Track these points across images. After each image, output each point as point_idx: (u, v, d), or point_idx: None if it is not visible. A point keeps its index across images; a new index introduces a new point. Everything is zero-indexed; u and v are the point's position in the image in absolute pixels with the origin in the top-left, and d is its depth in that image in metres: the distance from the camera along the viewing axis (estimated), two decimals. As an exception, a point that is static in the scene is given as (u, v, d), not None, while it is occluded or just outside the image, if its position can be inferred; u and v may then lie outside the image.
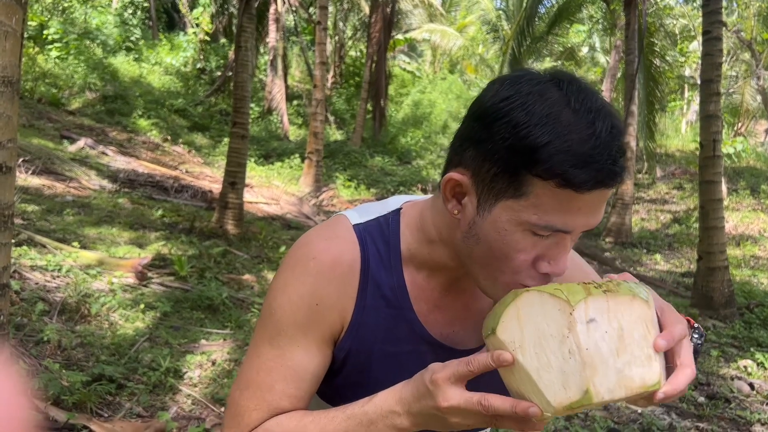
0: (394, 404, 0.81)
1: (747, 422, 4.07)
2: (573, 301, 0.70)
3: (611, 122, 0.78)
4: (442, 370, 0.76)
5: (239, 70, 7.86)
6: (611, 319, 0.70)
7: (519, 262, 0.81)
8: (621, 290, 0.72)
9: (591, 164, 0.75)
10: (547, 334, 0.70)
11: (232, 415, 0.92)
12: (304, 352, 0.91)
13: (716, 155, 6.64)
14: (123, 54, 17.40)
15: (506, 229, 0.80)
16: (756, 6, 16.56)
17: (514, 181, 0.78)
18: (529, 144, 0.75)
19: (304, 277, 0.91)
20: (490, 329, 0.75)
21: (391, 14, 16.63)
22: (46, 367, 3.37)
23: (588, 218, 0.79)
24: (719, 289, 6.54)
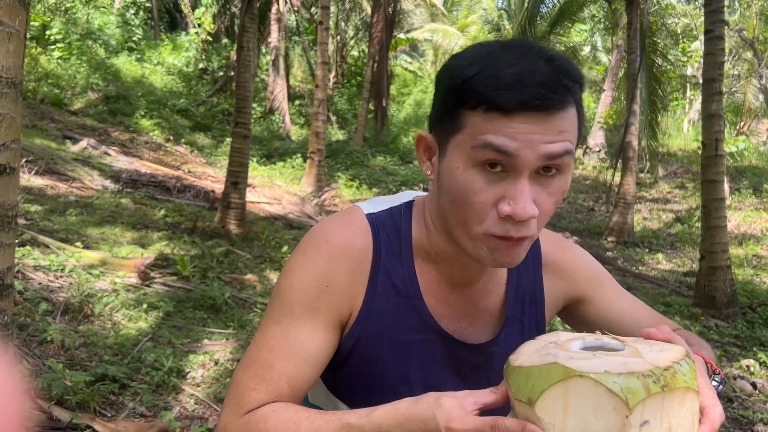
0: (395, 427, 0.77)
1: (750, 422, 4.07)
2: (631, 403, 0.63)
3: (549, 55, 0.80)
4: (461, 421, 0.72)
5: (241, 70, 7.87)
6: (663, 419, 0.65)
7: (478, 205, 0.81)
8: (677, 383, 0.66)
9: (514, 86, 0.76)
10: (593, 430, 0.64)
11: (233, 394, 0.90)
12: (309, 332, 0.90)
13: (718, 154, 6.63)
14: (125, 54, 17.42)
15: (458, 167, 0.82)
16: (758, 5, 16.54)
17: (455, 118, 0.82)
18: (461, 79, 0.80)
19: (315, 258, 0.92)
20: (525, 397, 0.69)
21: (392, 14, 16.63)
22: (50, 367, 3.38)
23: (531, 142, 0.77)
24: (722, 288, 6.54)
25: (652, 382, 0.64)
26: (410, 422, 0.75)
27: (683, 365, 0.68)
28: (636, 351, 0.71)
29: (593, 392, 0.64)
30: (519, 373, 0.71)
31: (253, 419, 0.85)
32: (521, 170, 0.79)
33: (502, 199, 0.80)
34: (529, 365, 0.70)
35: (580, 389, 0.65)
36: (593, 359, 0.68)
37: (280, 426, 0.82)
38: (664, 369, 0.66)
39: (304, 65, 21.38)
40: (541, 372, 0.68)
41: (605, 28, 19.84)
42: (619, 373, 0.65)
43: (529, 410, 0.68)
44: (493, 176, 0.80)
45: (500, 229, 0.81)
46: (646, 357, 0.69)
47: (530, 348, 0.76)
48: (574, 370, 0.65)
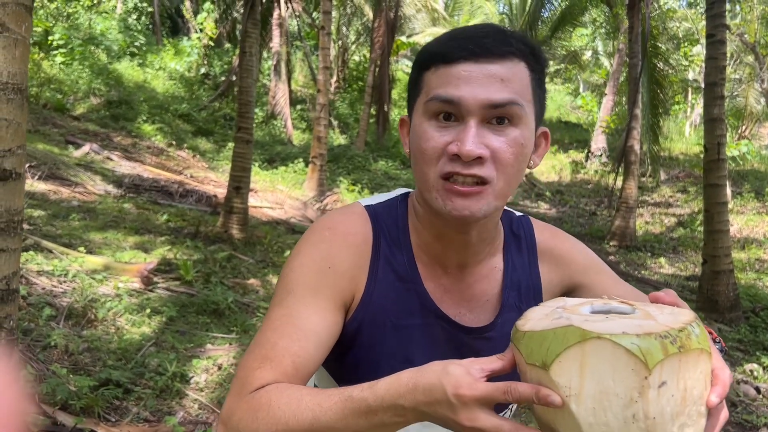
0: (399, 398, 0.74)
1: (753, 426, 4.06)
2: (651, 364, 0.62)
3: (490, 24, 0.92)
4: (470, 387, 0.70)
5: (243, 75, 7.89)
6: (679, 380, 0.64)
7: (430, 151, 0.88)
8: (692, 344, 0.65)
9: (458, 40, 0.87)
10: (611, 392, 0.63)
11: (238, 377, 0.89)
12: (311, 312, 0.90)
13: (720, 158, 6.63)
14: (127, 59, 17.45)
15: (417, 124, 0.91)
16: (760, 9, 16.55)
17: (416, 86, 0.93)
18: (422, 51, 0.93)
19: (318, 243, 0.96)
20: (539, 360, 0.67)
21: (394, 19, 16.66)
22: (54, 372, 3.39)
23: (473, 89, 0.85)
24: (724, 292, 6.53)
25: (669, 343, 0.64)
26: (414, 392, 0.73)
27: (695, 327, 0.68)
28: (648, 313, 0.70)
29: (611, 354, 0.63)
30: (531, 338, 0.69)
31: (257, 396, 0.84)
32: (467, 115, 0.86)
33: (452, 142, 0.87)
34: (541, 329, 0.69)
35: (597, 351, 0.64)
36: (608, 321, 0.67)
37: (284, 401, 0.81)
38: (679, 330, 0.65)
39: (305, 70, 21.41)
40: (556, 335, 0.66)
41: (606, 32, 19.86)
42: (637, 334, 0.64)
43: (543, 374, 0.67)
44: (445, 125, 0.88)
45: (449, 168, 0.87)
46: (659, 319, 0.68)
47: (538, 313, 0.75)
48: (591, 332, 0.64)
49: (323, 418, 0.78)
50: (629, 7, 11.12)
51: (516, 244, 1.06)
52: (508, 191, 0.91)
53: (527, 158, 0.93)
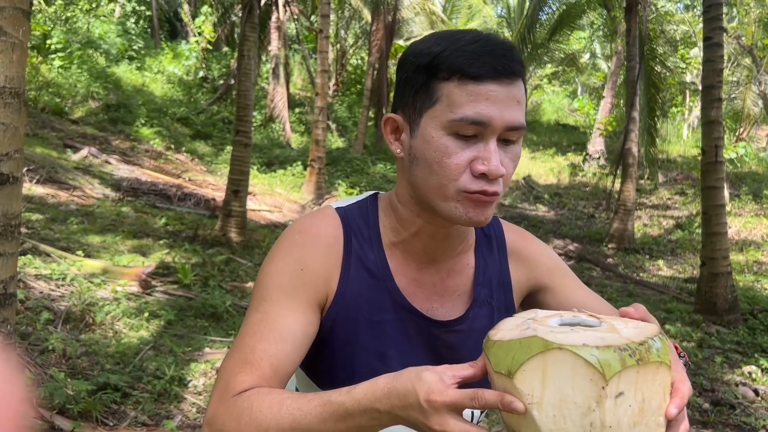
0: (375, 402, 0.78)
1: (752, 428, 4.06)
2: (608, 374, 0.66)
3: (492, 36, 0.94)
4: (441, 394, 0.73)
5: (242, 78, 7.89)
6: (637, 391, 0.67)
7: (453, 167, 0.90)
8: (651, 357, 0.68)
9: (482, 57, 0.88)
10: (570, 401, 0.67)
11: (219, 383, 0.92)
12: (287, 313, 0.93)
13: (718, 161, 6.64)
14: (125, 63, 17.45)
15: (433, 136, 0.91)
16: (756, 12, 16.60)
17: (427, 92, 0.91)
18: (430, 56, 0.91)
19: (290, 247, 0.99)
20: (504, 369, 0.71)
21: (392, 22, 16.69)
22: (51, 376, 3.38)
23: (500, 111, 0.88)
24: (723, 294, 6.53)
25: (627, 356, 0.67)
26: (390, 396, 0.77)
27: (657, 341, 0.71)
28: (613, 327, 0.73)
29: (571, 364, 0.66)
30: (499, 347, 0.72)
31: (239, 401, 0.87)
32: (492, 135, 0.89)
33: (476, 159, 0.89)
34: (509, 339, 0.72)
35: (558, 361, 0.67)
36: (572, 333, 0.70)
37: (265, 405, 0.84)
38: (639, 344, 0.68)
39: (304, 73, 21.44)
40: (521, 345, 0.70)
41: (604, 35, 19.89)
42: (596, 346, 0.67)
43: (507, 382, 0.70)
44: (466, 141, 0.90)
45: (476, 185, 0.90)
46: (622, 333, 0.71)
47: (510, 324, 0.77)
48: (553, 343, 0.67)
49: (303, 421, 0.81)
50: (627, 10, 11.15)
51: (487, 243, 1.10)
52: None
53: None
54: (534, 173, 17.11)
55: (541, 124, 24.49)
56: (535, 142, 20.98)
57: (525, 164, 18.06)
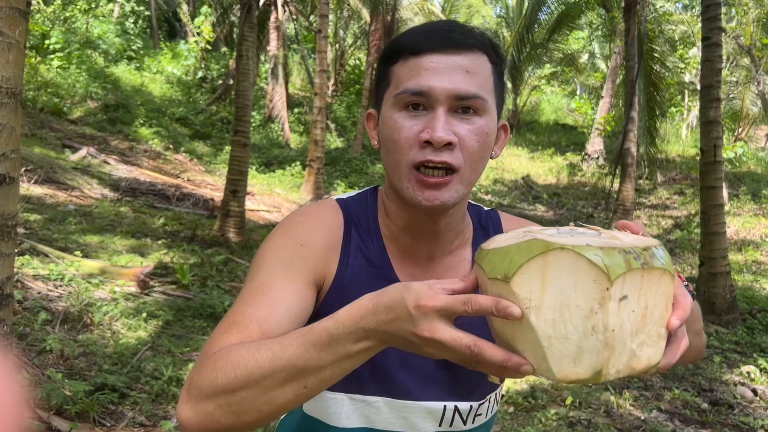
0: (360, 321, 0.73)
1: (750, 428, 4.06)
2: (612, 275, 0.62)
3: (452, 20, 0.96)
4: (431, 298, 0.68)
5: (240, 78, 7.89)
6: (640, 297, 0.64)
7: (403, 141, 0.91)
8: (655, 263, 0.65)
9: (425, 33, 0.92)
10: (572, 304, 0.63)
11: (204, 348, 0.85)
12: (283, 282, 0.90)
13: (717, 160, 6.64)
14: (124, 63, 17.45)
15: (386, 116, 0.94)
16: (755, 12, 16.61)
17: (384, 78, 0.96)
18: (389, 45, 0.96)
19: (291, 227, 0.98)
20: (500, 273, 0.66)
21: (391, 22, 16.69)
22: (49, 377, 3.37)
23: (440, 80, 0.89)
24: (721, 294, 6.54)
25: (632, 258, 0.63)
26: (376, 312, 0.72)
27: (660, 250, 0.68)
28: (613, 236, 0.70)
29: (573, 264, 0.63)
30: (494, 253, 0.69)
31: (219, 352, 0.80)
32: (435, 104, 0.90)
33: (423, 130, 0.90)
34: (505, 245, 0.68)
35: (560, 262, 0.63)
36: (573, 237, 0.68)
37: (244, 348, 0.78)
38: (643, 249, 0.66)
39: (303, 73, 21.43)
40: (519, 248, 0.66)
41: (603, 35, 19.90)
42: (601, 247, 0.63)
43: (504, 287, 0.66)
44: (415, 115, 0.91)
45: (421, 155, 0.90)
46: (624, 240, 0.68)
47: (504, 236, 0.74)
48: (554, 243, 0.64)
49: (283, 354, 0.75)
50: (625, 10, 11.15)
51: (484, 237, 1.07)
52: (474, 178, 0.95)
53: (491, 147, 0.96)
54: (533, 173, 17.11)
55: (540, 124, 24.49)
56: (534, 142, 20.98)
57: (524, 164, 18.06)
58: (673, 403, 4.37)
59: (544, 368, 0.65)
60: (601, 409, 4.11)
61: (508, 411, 3.91)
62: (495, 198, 14.37)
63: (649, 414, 4.11)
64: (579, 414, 3.99)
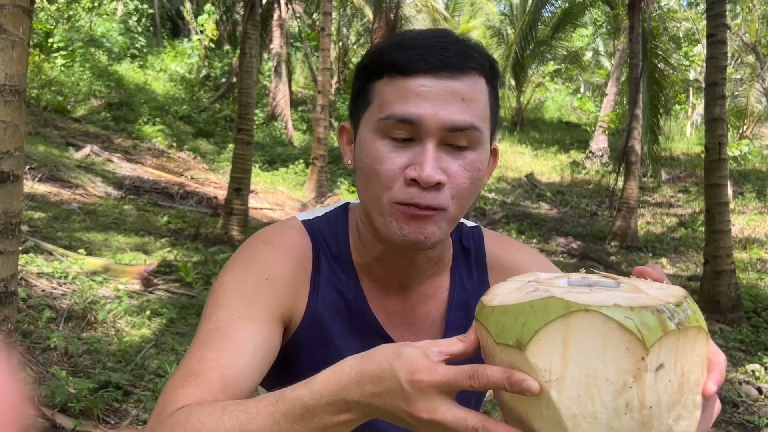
0: (340, 392, 0.62)
1: (755, 427, 4.05)
2: (648, 342, 0.52)
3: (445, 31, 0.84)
4: (428, 371, 0.58)
5: (244, 76, 7.89)
6: (677, 363, 0.54)
7: (384, 174, 0.80)
8: (690, 322, 0.55)
9: (416, 48, 0.79)
10: (601, 377, 0.53)
11: (160, 400, 0.75)
12: (246, 321, 0.79)
13: (722, 158, 6.62)
14: (128, 61, 17.47)
15: (366, 141, 0.82)
16: (760, 9, 16.55)
17: (364, 94, 0.84)
18: (369, 56, 0.84)
19: (253, 256, 0.87)
20: (512, 339, 0.56)
21: (394, 19, 16.67)
22: (53, 375, 3.38)
23: (432, 107, 0.78)
24: (726, 292, 6.51)
25: (667, 318, 0.53)
26: (360, 382, 0.61)
27: (690, 303, 0.57)
28: (635, 287, 0.60)
29: (601, 330, 0.53)
30: (502, 313, 0.58)
31: (176, 414, 0.70)
32: (425, 137, 0.79)
33: (410, 165, 0.79)
34: (515, 302, 0.58)
35: (584, 327, 0.53)
36: (594, 293, 0.57)
37: (206, 413, 0.68)
38: (676, 305, 0.55)
39: (306, 71, 21.43)
40: (534, 309, 0.55)
41: (607, 32, 19.85)
42: (631, 307, 0.53)
43: (517, 356, 0.56)
44: (400, 145, 0.80)
45: (406, 194, 0.79)
46: (650, 293, 0.58)
47: (507, 287, 0.64)
48: (578, 304, 0.53)
49: (250, 426, 0.65)
50: (630, 7, 11.12)
51: (465, 260, 0.98)
52: (460, 216, 0.86)
53: (481, 182, 0.86)
54: (536, 171, 17.08)
55: (544, 121, 24.45)
56: (537, 139, 20.95)
57: (527, 162, 18.03)
58: None
59: None
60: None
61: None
62: (498, 196, 14.35)
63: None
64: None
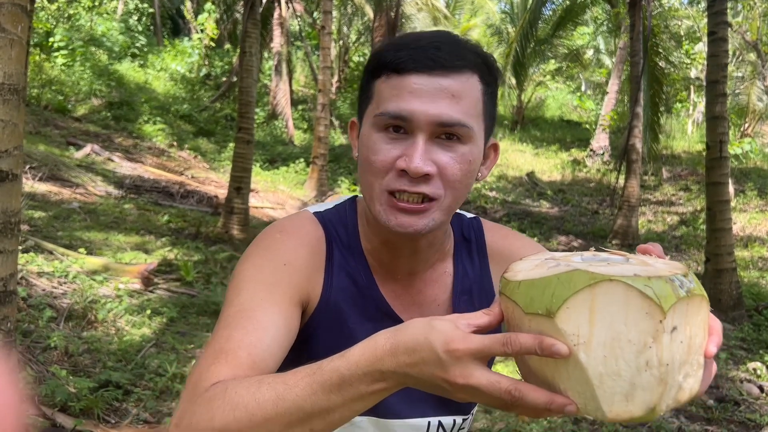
0: (376, 362, 0.67)
1: (757, 425, 4.04)
2: (665, 307, 0.59)
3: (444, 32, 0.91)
4: (463, 341, 0.63)
5: (244, 75, 7.89)
6: (686, 326, 0.61)
7: (378, 164, 0.87)
8: (695, 290, 0.62)
9: (409, 50, 0.86)
10: (624, 339, 0.60)
11: (190, 379, 0.79)
12: (267, 304, 0.85)
13: (723, 156, 6.61)
14: (128, 60, 17.47)
15: (365, 134, 0.91)
16: (762, 7, 16.52)
17: (367, 92, 0.92)
18: (372, 57, 0.92)
19: (271, 245, 0.93)
20: (542, 308, 0.62)
21: (395, 18, 16.65)
22: (53, 374, 3.38)
23: (423, 104, 0.84)
24: (727, 291, 6.51)
25: (678, 286, 0.61)
26: (395, 353, 0.66)
27: (692, 275, 0.65)
28: (644, 261, 0.67)
29: (624, 297, 0.60)
30: (530, 286, 0.64)
31: (212, 390, 0.74)
32: (416, 130, 0.85)
33: (401, 156, 0.86)
34: (539, 277, 0.64)
35: (609, 294, 0.60)
36: (612, 266, 0.64)
37: (243, 386, 0.72)
38: (683, 275, 0.63)
39: (306, 70, 21.42)
40: (560, 280, 0.62)
41: (608, 30, 19.82)
42: (648, 276, 0.60)
43: (546, 323, 0.62)
44: (394, 138, 0.87)
45: (396, 183, 0.86)
46: (657, 266, 0.65)
47: (527, 265, 0.70)
48: (602, 275, 0.60)
49: (288, 395, 0.69)
50: (630, 5, 11.09)
51: (467, 249, 1.05)
52: (455, 206, 0.91)
53: (475, 173, 0.92)
54: (537, 169, 17.07)
55: (545, 120, 24.43)
56: (538, 138, 20.93)
57: (528, 160, 18.02)
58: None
59: (592, 408, 0.62)
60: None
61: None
62: (499, 194, 14.34)
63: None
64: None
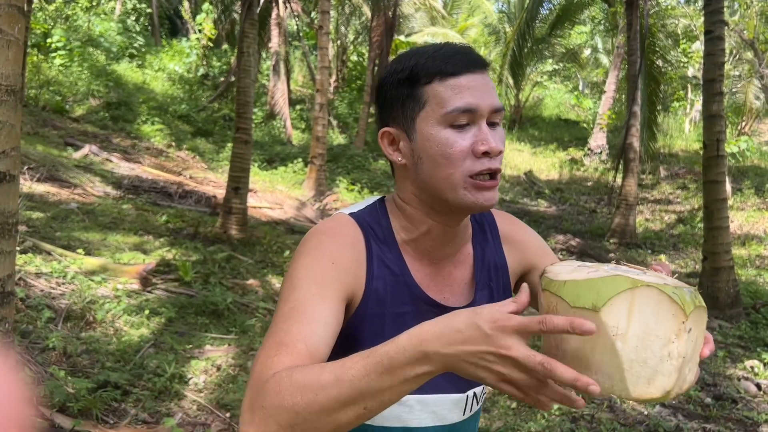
0: (422, 344, 0.78)
1: (754, 423, 4.05)
2: (687, 311, 0.75)
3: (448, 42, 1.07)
4: (508, 319, 0.74)
5: (242, 75, 7.88)
6: (695, 329, 0.77)
7: (457, 155, 1.00)
8: (702, 303, 0.78)
9: (453, 56, 1.02)
10: (653, 333, 0.74)
11: (255, 371, 0.89)
12: (319, 300, 0.96)
13: (720, 155, 6.62)
14: (126, 61, 17.45)
15: (432, 134, 1.02)
16: (758, 5, 16.53)
17: (414, 99, 1.04)
18: (406, 70, 1.04)
19: (318, 246, 1.04)
20: (588, 303, 0.76)
21: (392, 18, 16.65)
22: (52, 374, 3.38)
23: (482, 97, 1.01)
24: (725, 289, 6.52)
25: (694, 296, 0.77)
26: (441, 337, 0.77)
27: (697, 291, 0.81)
28: (659, 276, 0.82)
29: (657, 300, 0.75)
30: (576, 285, 0.78)
31: (277, 376, 0.84)
32: (481, 119, 1.01)
33: (475, 143, 1.00)
34: (585, 278, 0.79)
35: (645, 297, 0.75)
36: (647, 275, 0.80)
37: (306, 370, 0.83)
38: (694, 289, 0.79)
39: (304, 70, 21.41)
40: (605, 283, 0.77)
41: (605, 29, 19.84)
42: (675, 286, 0.77)
43: (591, 316, 0.75)
44: (461, 130, 1.01)
45: (480, 165, 1.00)
46: (668, 281, 0.79)
47: (563, 268, 0.84)
48: (641, 281, 0.76)
49: (345, 376, 0.80)
50: (627, 4, 11.10)
51: (482, 232, 1.20)
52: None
53: None
54: (535, 168, 17.08)
55: (542, 119, 24.43)
56: (536, 137, 20.93)
57: (526, 159, 18.03)
58: (676, 397, 4.36)
59: (618, 388, 0.75)
60: (604, 404, 4.10)
61: (511, 407, 3.91)
62: (497, 194, 14.33)
63: (652, 409, 4.10)
64: (582, 409, 3.99)
